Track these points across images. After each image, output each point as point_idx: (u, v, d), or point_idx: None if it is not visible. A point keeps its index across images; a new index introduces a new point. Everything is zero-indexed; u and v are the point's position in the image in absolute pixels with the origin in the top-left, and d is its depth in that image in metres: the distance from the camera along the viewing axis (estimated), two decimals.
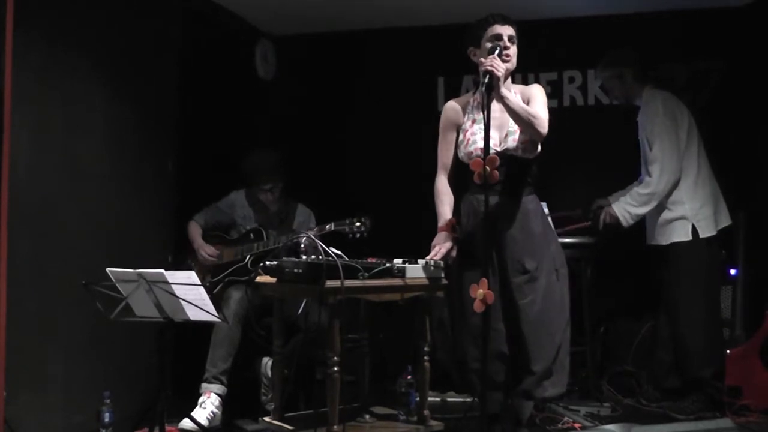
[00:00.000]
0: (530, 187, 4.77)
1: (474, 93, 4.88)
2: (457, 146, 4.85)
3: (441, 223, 4.76)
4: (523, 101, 4.73)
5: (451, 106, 4.96)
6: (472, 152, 4.69)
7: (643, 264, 6.16)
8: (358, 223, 5.57)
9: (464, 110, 4.87)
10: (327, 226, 5.69)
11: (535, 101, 4.70)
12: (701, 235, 5.80)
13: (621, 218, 5.91)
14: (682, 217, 5.82)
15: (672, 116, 5.85)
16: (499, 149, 4.64)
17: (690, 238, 5.80)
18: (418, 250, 4.74)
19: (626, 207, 5.90)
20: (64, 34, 5.06)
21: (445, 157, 4.90)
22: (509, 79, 4.83)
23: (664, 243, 5.91)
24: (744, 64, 6.63)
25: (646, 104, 5.97)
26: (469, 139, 4.75)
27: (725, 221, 5.92)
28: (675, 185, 5.81)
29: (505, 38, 4.68)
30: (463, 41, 4.85)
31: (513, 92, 4.76)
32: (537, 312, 4.57)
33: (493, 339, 4.44)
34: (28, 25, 4.71)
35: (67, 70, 5.10)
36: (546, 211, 5.24)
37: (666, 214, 5.88)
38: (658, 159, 5.80)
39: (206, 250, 6.10)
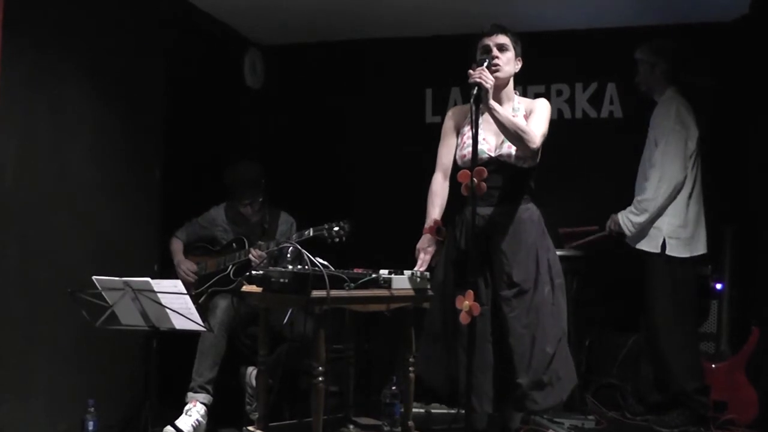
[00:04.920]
0: (527, 196, 4.74)
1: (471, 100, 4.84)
2: (456, 149, 4.85)
3: (427, 224, 4.75)
4: (527, 112, 4.72)
5: (455, 110, 4.96)
6: (465, 155, 4.67)
7: (630, 278, 6.17)
8: (336, 227, 5.57)
9: (467, 114, 4.84)
10: (306, 232, 5.69)
11: (535, 114, 4.66)
12: (668, 252, 5.81)
13: (623, 226, 5.94)
14: (658, 229, 5.84)
15: (684, 124, 5.86)
16: (493, 155, 4.63)
17: (658, 251, 5.83)
18: (406, 259, 4.73)
19: (628, 215, 5.93)
20: (52, 41, 5.05)
21: (444, 158, 4.85)
22: (511, 88, 4.81)
23: (632, 244, 5.95)
24: (733, 79, 6.65)
25: (662, 104, 5.99)
26: (465, 143, 4.73)
27: (701, 249, 5.93)
28: (677, 191, 5.81)
29: (493, 48, 4.67)
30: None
31: (516, 102, 4.76)
32: (524, 325, 4.53)
33: (484, 351, 4.44)
34: (16, 32, 4.70)
35: (55, 78, 5.08)
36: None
37: None
38: (657, 164, 5.82)
39: (186, 267, 6.10)
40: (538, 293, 4.61)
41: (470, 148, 4.55)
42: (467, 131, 4.75)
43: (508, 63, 4.70)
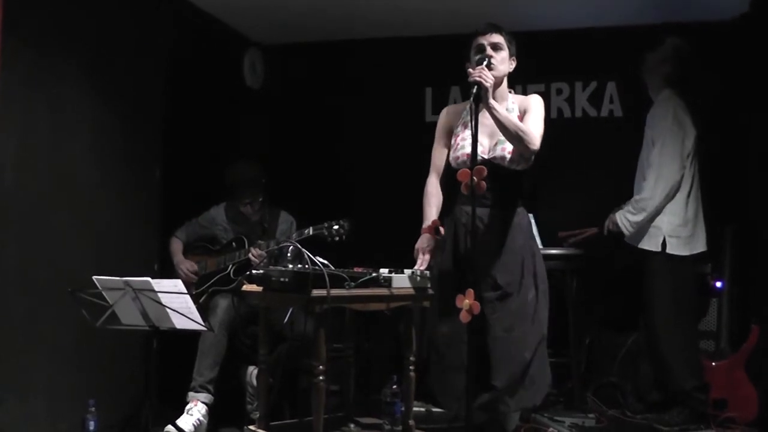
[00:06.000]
0: (519, 199, 4.75)
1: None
2: (449, 150, 4.84)
3: (425, 224, 4.74)
4: (520, 111, 4.71)
5: (448, 110, 4.97)
6: (459, 157, 4.67)
7: (629, 277, 6.16)
8: (336, 226, 5.58)
9: (460, 115, 4.85)
10: (306, 231, 5.70)
11: (531, 114, 4.65)
12: (668, 251, 5.81)
13: (621, 226, 5.92)
14: (657, 228, 5.83)
15: (681, 124, 5.84)
16: (486, 157, 4.62)
17: (659, 249, 5.82)
18: (406, 257, 4.73)
19: (626, 215, 5.91)
20: (52, 41, 5.05)
21: (438, 159, 4.87)
22: (505, 87, 4.80)
23: (634, 244, 5.94)
24: (733, 77, 6.65)
25: (659, 104, 5.98)
26: (458, 144, 4.73)
27: (700, 247, 5.92)
28: (674, 190, 5.80)
29: (488, 47, 4.67)
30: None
31: (510, 101, 4.75)
32: (504, 328, 4.55)
33: (460, 351, 4.45)
34: (15, 31, 4.70)
35: (54, 77, 5.08)
36: (533, 224, 5.20)
37: None
38: (655, 163, 5.80)
39: (185, 267, 6.11)
40: (520, 297, 4.63)
41: (464, 150, 4.59)
42: (460, 132, 4.76)
43: (502, 62, 4.70)
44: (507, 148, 4.59)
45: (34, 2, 4.91)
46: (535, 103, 4.72)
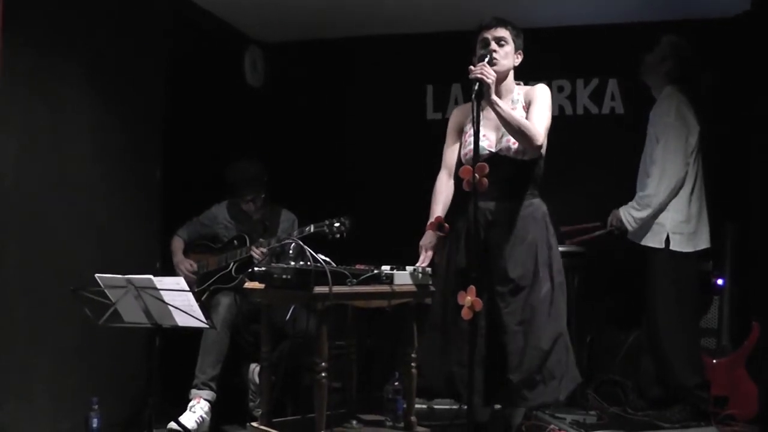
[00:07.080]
0: (532, 190, 4.70)
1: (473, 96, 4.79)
2: (459, 148, 4.85)
3: (429, 221, 4.74)
4: (526, 103, 4.69)
5: (458, 109, 4.99)
6: (467, 154, 4.66)
7: (631, 274, 6.17)
8: (337, 224, 5.58)
9: (470, 113, 4.83)
10: (306, 229, 5.70)
11: (535, 106, 4.62)
12: (672, 247, 5.81)
13: (625, 222, 5.92)
14: (661, 224, 5.83)
15: (684, 120, 5.83)
16: (493, 149, 4.62)
17: (662, 246, 5.82)
18: (407, 254, 4.73)
19: (629, 211, 5.91)
20: (52, 41, 5.05)
21: (449, 157, 4.87)
22: (510, 80, 4.78)
23: (637, 241, 5.94)
24: (735, 75, 6.64)
25: (661, 101, 5.97)
26: (467, 141, 4.72)
27: (703, 244, 5.91)
28: (678, 187, 5.79)
29: (492, 41, 4.66)
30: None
31: (516, 93, 4.74)
32: (518, 322, 4.51)
33: (477, 345, 4.44)
34: (16, 32, 4.69)
35: (54, 77, 5.08)
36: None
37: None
38: (659, 160, 5.79)
39: (185, 266, 6.12)
40: (535, 291, 4.58)
41: (471, 147, 4.55)
42: (469, 129, 4.74)
43: (506, 57, 4.68)
44: (511, 139, 4.57)
45: (35, 2, 4.91)
46: (540, 94, 4.68)
